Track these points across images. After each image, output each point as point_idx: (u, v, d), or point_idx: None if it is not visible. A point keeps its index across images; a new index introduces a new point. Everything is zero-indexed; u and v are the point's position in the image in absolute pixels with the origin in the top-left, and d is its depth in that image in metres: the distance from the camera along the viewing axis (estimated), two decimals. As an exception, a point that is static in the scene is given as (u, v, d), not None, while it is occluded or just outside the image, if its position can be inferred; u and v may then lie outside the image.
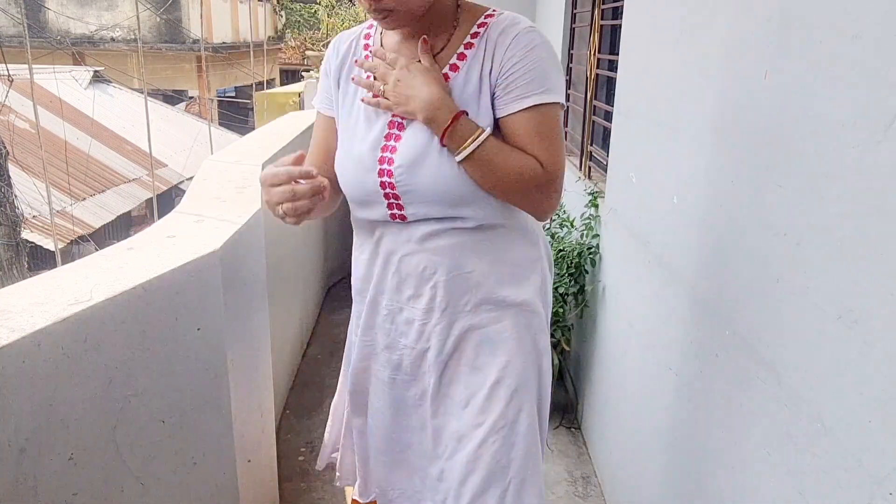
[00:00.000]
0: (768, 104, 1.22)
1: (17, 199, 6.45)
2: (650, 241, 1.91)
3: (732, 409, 1.33)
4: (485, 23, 1.19)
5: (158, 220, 1.69)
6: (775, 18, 1.20)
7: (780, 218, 1.15)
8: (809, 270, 1.06)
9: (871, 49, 0.93)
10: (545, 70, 1.14)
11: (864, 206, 0.93)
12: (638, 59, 2.14)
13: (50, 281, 1.19)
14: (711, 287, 1.46)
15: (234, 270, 1.57)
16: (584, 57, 3.20)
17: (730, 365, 1.35)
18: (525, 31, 1.15)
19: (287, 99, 5.47)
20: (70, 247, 8.57)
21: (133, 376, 1.20)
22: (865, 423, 0.91)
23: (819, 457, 1.02)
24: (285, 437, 2.56)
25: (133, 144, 11.96)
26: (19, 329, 0.98)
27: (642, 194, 2.01)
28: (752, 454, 1.23)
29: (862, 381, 0.92)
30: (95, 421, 1.13)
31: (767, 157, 1.21)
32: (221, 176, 2.17)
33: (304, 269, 3.39)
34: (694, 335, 1.55)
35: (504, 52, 1.14)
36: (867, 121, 0.92)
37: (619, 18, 2.43)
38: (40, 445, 1.01)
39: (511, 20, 1.17)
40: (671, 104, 1.77)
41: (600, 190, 2.62)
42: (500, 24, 1.17)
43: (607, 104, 2.73)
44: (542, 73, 1.13)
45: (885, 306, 0.88)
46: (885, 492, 0.87)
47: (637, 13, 2.16)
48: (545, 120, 1.15)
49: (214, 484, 1.53)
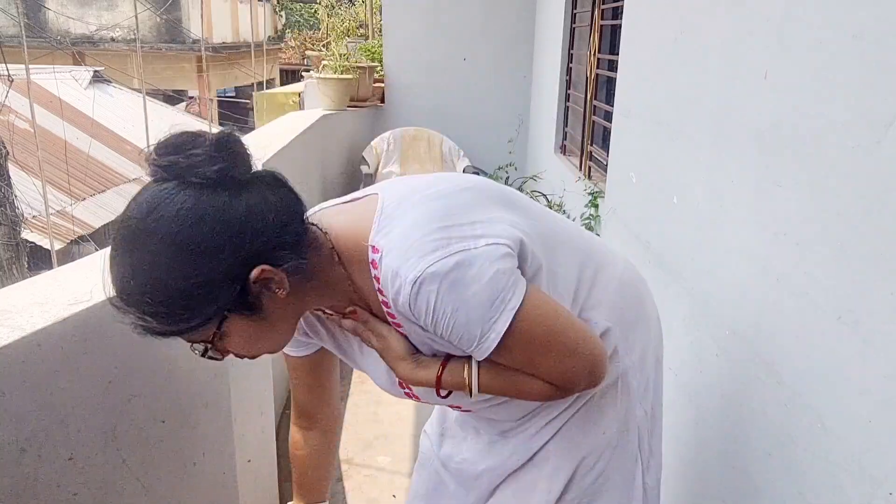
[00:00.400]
0: (768, 104, 1.22)
1: (17, 199, 6.45)
2: (650, 241, 1.91)
3: (732, 409, 1.33)
4: (380, 289, 0.89)
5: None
6: (775, 18, 1.20)
7: (780, 218, 1.15)
8: (809, 270, 1.06)
9: (871, 49, 0.93)
10: (462, 321, 0.84)
11: (864, 206, 0.93)
12: (638, 59, 2.14)
13: (50, 281, 1.19)
14: (711, 287, 1.46)
15: (234, 270, 1.57)
16: (584, 57, 3.20)
17: (730, 365, 1.35)
18: (411, 297, 0.84)
19: (287, 99, 5.47)
20: (70, 247, 8.57)
21: (133, 376, 1.20)
22: (865, 423, 0.91)
23: (819, 457, 1.02)
24: (285, 436, 2.56)
25: (133, 144, 11.95)
26: (19, 329, 0.98)
27: (642, 194, 2.01)
28: (752, 454, 1.23)
29: (862, 381, 0.92)
30: (95, 421, 1.13)
31: (767, 157, 1.21)
32: (221, 176, 2.16)
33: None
34: (694, 335, 1.55)
35: (421, 320, 0.87)
36: (867, 121, 0.92)
37: (619, 18, 2.43)
38: (40, 445, 1.01)
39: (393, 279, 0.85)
40: (671, 104, 1.77)
41: (600, 190, 2.61)
42: (390, 290, 0.87)
43: (607, 104, 2.73)
44: (462, 326, 0.85)
45: (885, 306, 0.88)
46: (885, 492, 0.87)
47: (637, 13, 2.16)
48: (513, 350, 0.88)
49: (214, 484, 1.53)
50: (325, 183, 3.95)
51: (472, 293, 0.83)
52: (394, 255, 0.85)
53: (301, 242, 0.86)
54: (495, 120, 4.79)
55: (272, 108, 5.38)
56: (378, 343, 0.96)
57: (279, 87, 8.10)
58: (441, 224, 0.86)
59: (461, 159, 4.54)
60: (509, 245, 0.87)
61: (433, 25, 4.73)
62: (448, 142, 4.58)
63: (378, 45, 5.12)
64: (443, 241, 0.84)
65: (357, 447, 2.48)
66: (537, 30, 4.56)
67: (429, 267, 0.82)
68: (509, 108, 4.79)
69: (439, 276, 0.82)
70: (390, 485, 2.30)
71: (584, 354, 0.91)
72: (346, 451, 2.48)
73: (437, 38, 4.75)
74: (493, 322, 0.84)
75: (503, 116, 4.79)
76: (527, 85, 4.75)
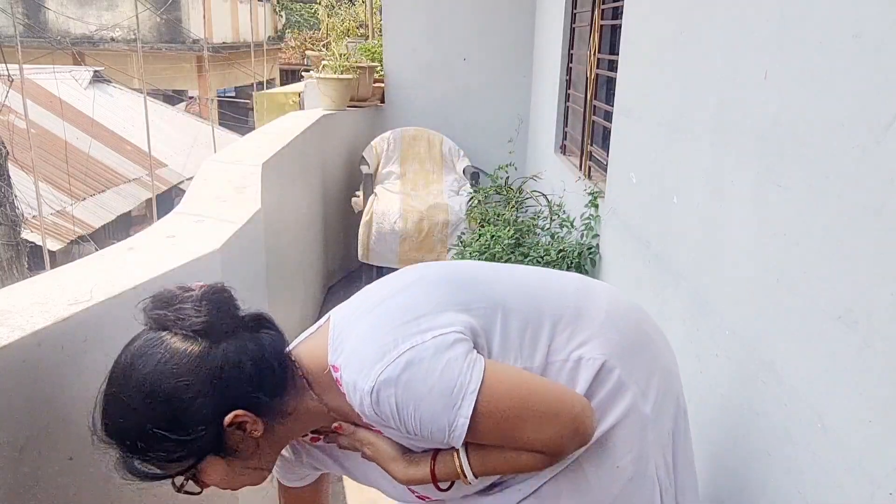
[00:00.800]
0: (768, 104, 1.22)
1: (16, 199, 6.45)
2: (650, 241, 1.91)
3: (732, 409, 1.33)
4: (348, 404, 0.92)
5: (158, 220, 1.69)
6: (775, 18, 1.20)
7: (780, 218, 1.15)
8: (809, 270, 1.06)
9: (871, 49, 0.93)
10: (428, 416, 0.86)
11: (864, 206, 0.93)
12: (638, 59, 2.14)
13: (50, 281, 1.19)
14: (711, 287, 1.46)
15: (234, 270, 1.57)
16: (584, 57, 3.20)
17: (730, 365, 1.35)
18: (371, 405, 0.87)
19: (287, 99, 5.47)
20: (70, 247, 8.56)
21: (133, 376, 1.20)
22: (865, 423, 0.91)
23: (819, 457, 1.02)
24: (285, 437, 2.56)
25: (133, 144, 11.95)
26: (19, 329, 0.98)
27: (642, 194, 2.01)
28: (752, 454, 1.23)
29: (862, 381, 0.92)
30: (95, 421, 1.13)
31: (767, 157, 1.21)
32: (221, 176, 2.16)
33: (304, 269, 3.39)
34: (694, 335, 1.55)
35: (392, 425, 0.90)
36: (867, 121, 0.92)
37: (619, 18, 2.43)
38: (40, 445, 1.01)
39: (353, 394, 0.89)
40: (671, 104, 1.77)
41: (600, 190, 2.61)
42: (355, 403, 0.90)
43: (607, 104, 2.73)
44: (429, 420, 0.86)
45: (885, 306, 0.88)
46: (885, 492, 0.87)
47: (637, 13, 2.16)
48: (489, 431, 0.87)
49: (214, 484, 1.53)
50: (325, 183, 3.95)
51: (428, 388, 0.85)
52: (349, 369, 0.89)
53: (280, 384, 0.92)
54: (495, 120, 4.79)
55: (272, 108, 5.38)
56: (369, 451, 0.99)
57: (279, 87, 8.10)
58: (386, 328, 0.89)
59: (461, 159, 4.55)
60: (458, 330, 0.89)
61: (433, 25, 4.73)
62: (448, 142, 4.59)
63: (378, 45, 5.12)
64: (389, 344, 0.87)
65: (357, 447, 2.48)
66: (537, 30, 4.56)
67: (380, 375, 0.85)
68: (509, 108, 4.79)
69: (392, 381, 0.85)
70: (390, 485, 2.30)
71: (563, 416, 0.89)
72: (346, 451, 2.48)
73: (437, 38, 4.74)
74: (457, 409, 0.85)
75: (503, 116, 4.79)
76: (527, 85, 4.75)
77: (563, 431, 0.89)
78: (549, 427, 0.88)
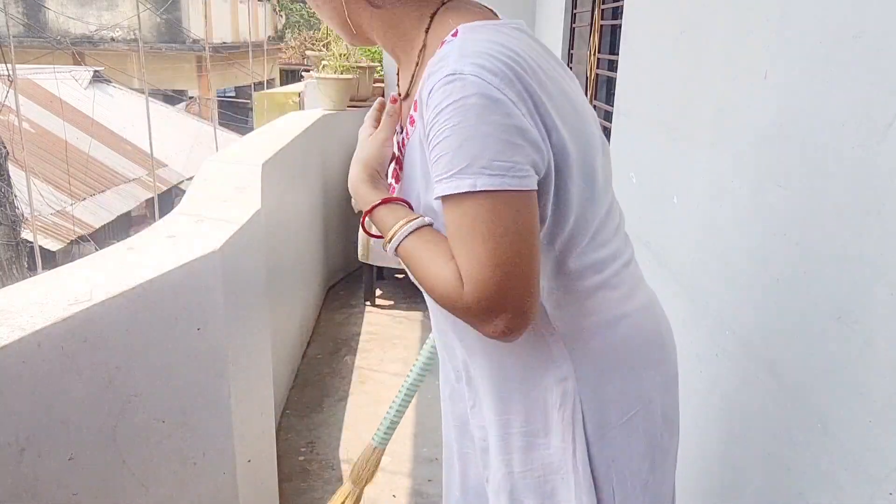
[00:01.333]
0: (768, 104, 1.22)
1: (16, 199, 6.45)
2: (650, 241, 1.91)
3: (732, 409, 1.33)
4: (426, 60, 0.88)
5: (158, 220, 1.69)
6: (775, 18, 1.20)
7: (780, 218, 1.15)
8: (809, 270, 1.06)
9: (871, 49, 0.93)
10: (451, 146, 0.77)
11: (864, 206, 0.93)
12: (638, 59, 2.14)
13: (50, 281, 1.19)
14: (711, 287, 1.46)
15: (234, 270, 1.57)
16: (584, 57, 3.20)
17: (730, 365, 1.35)
18: (442, 82, 0.78)
19: (287, 99, 5.46)
20: (70, 247, 8.57)
21: (133, 376, 1.20)
22: (865, 423, 0.91)
23: (819, 457, 1.02)
24: (285, 436, 2.56)
25: (133, 144, 11.96)
26: (19, 329, 0.98)
27: (642, 194, 2.01)
28: (753, 454, 1.23)
29: (862, 381, 0.92)
30: (95, 421, 1.13)
31: (767, 157, 1.21)
32: (221, 176, 2.16)
33: (304, 269, 3.39)
34: (694, 335, 1.55)
35: (426, 113, 0.81)
36: (867, 121, 0.92)
37: (619, 18, 2.43)
38: (40, 445, 1.01)
39: (440, 61, 0.81)
40: (671, 104, 1.77)
41: (600, 190, 2.61)
42: (431, 66, 0.82)
43: (607, 104, 2.73)
44: (446, 150, 0.77)
45: (886, 306, 0.88)
46: (885, 492, 0.87)
47: (637, 13, 2.16)
48: (460, 219, 0.78)
49: (214, 484, 1.53)
50: (325, 183, 3.95)
51: (477, 133, 0.76)
52: (462, 44, 0.80)
53: None
54: (495, 120, 4.79)
55: (272, 108, 5.38)
56: (379, 133, 0.97)
57: (279, 87, 8.09)
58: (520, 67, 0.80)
59: (461, 159, 4.55)
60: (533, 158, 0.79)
61: (433, 25, 4.73)
62: (448, 142, 4.59)
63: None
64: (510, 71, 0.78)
65: (357, 447, 2.48)
66: (537, 30, 4.56)
67: (476, 75, 0.76)
68: (509, 108, 4.79)
69: (468, 92, 0.76)
70: (390, 485, 2.31)
71: (513, 280, 0.78)
72: (346, 451, 2.49)
73: (437, 38, 4.75)
74: (467, 177, 0.76)
75: (503, 116, 4.79)
76: (527, 85, 4.75)
77: (500, 288, 0.77)
78: (490, 270, 0.77)
